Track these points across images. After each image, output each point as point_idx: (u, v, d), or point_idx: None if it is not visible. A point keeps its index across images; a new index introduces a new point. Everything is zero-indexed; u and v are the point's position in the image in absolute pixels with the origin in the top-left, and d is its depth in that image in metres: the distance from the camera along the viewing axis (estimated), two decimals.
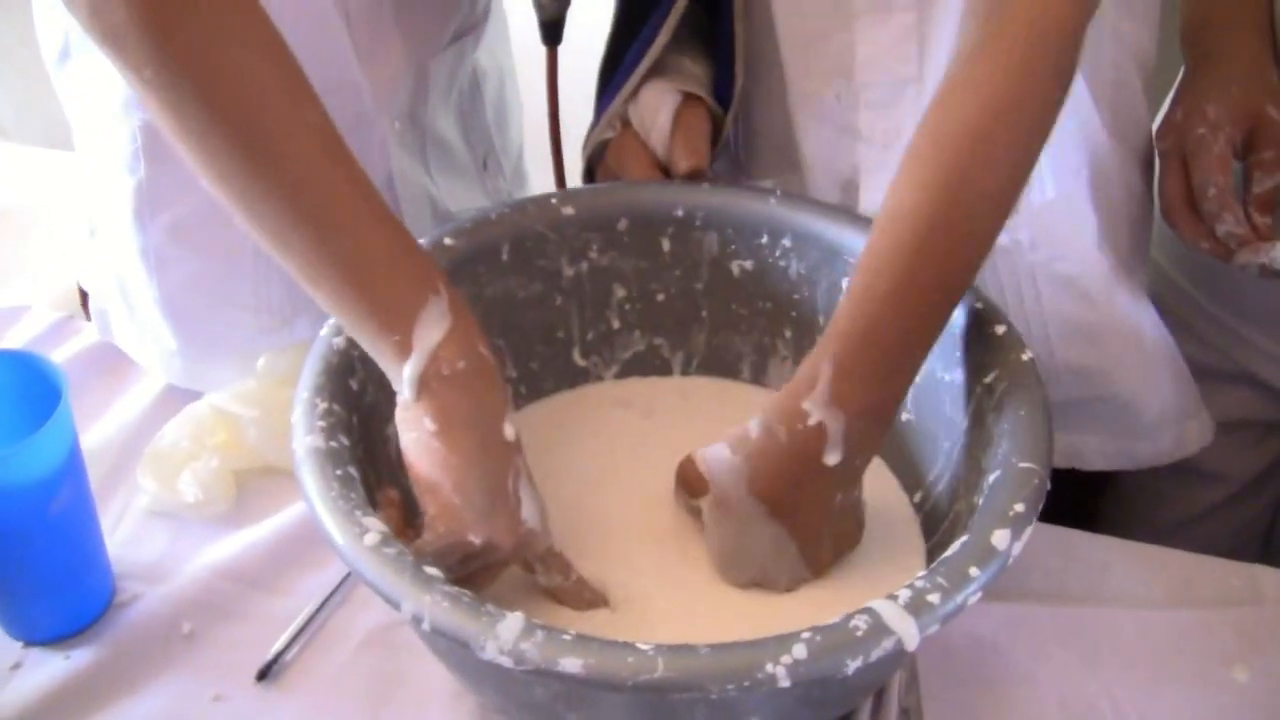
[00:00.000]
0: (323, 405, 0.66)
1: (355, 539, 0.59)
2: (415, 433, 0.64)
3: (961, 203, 0.65)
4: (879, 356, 0.66)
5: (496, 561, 0.65)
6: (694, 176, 0.84)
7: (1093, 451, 0.94)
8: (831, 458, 0.66)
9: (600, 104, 0.91)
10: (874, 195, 0.85)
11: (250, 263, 0.87)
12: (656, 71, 0.86)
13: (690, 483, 0.72)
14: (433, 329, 0.63)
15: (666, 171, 0.85)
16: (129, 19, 0.57)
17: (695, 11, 0.87)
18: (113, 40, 0.59)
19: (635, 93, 0.87)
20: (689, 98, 0.85)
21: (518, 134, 1.14)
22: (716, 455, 0.69)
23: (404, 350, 0.63)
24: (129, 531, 0.82)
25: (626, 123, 0.88)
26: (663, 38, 0.84)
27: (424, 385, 0.63)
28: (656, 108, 0.85)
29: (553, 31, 0.93)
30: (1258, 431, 1.02)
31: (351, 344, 0.69)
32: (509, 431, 0.65)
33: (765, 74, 0.87)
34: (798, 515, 0.68)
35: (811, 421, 0.66)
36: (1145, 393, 0.91)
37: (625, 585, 0.70)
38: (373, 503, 0.64)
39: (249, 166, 0.60)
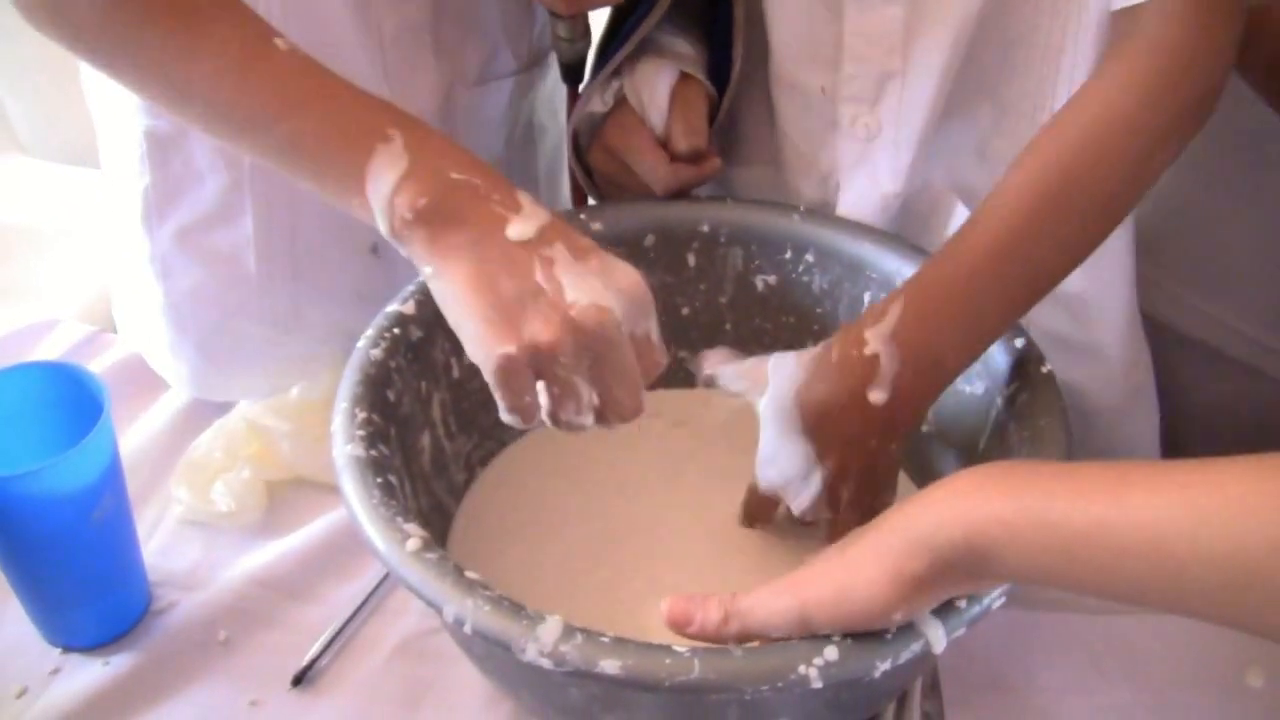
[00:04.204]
0: (362, 415, 0.67)
1: (397, 545, 0.60)
2: (427, 282, 0.61)
3: (1069, 195, 0.65)
4: (950, 308, 0.66)
5: (570, 358, 0.57)
6: (694, 156, 0.83)
7: None
8: (876, 395, 0.65)
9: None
10: (853, 193, 0.84)
11: (253, 272, 0.87)
12: (652, 50, 0.85)
13: (753, 507, 0.74)
14: (383, 179, 0.59)
15: (667, 148, 0.84)
16: None
17: None
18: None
19: (630, 66, 0.85)
20: (684, 76, 0.85)
21: (565, 196, 1.13)
22: (782, 360, 0.69)
23: (369, 210, 0.60)
24: (164, 540, 0.83)
25: (622, 100, 0.87)
26: (659, 9, 0.82)
27: (399, 235, 0.60)
28: (654, 83, 0.84)
29: (574, 73, 0.93)
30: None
31: (388, 355, 0.71)
32: (515, 230, 0.59)
33: (754, 62, 0.86)
34: (831, 444, 0.68)
35: (868, 351, 0.66)
36: (1119, 417, 0.92)
37: (662, 585, 0.71)
38: (411, 511, 0.65)
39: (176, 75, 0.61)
